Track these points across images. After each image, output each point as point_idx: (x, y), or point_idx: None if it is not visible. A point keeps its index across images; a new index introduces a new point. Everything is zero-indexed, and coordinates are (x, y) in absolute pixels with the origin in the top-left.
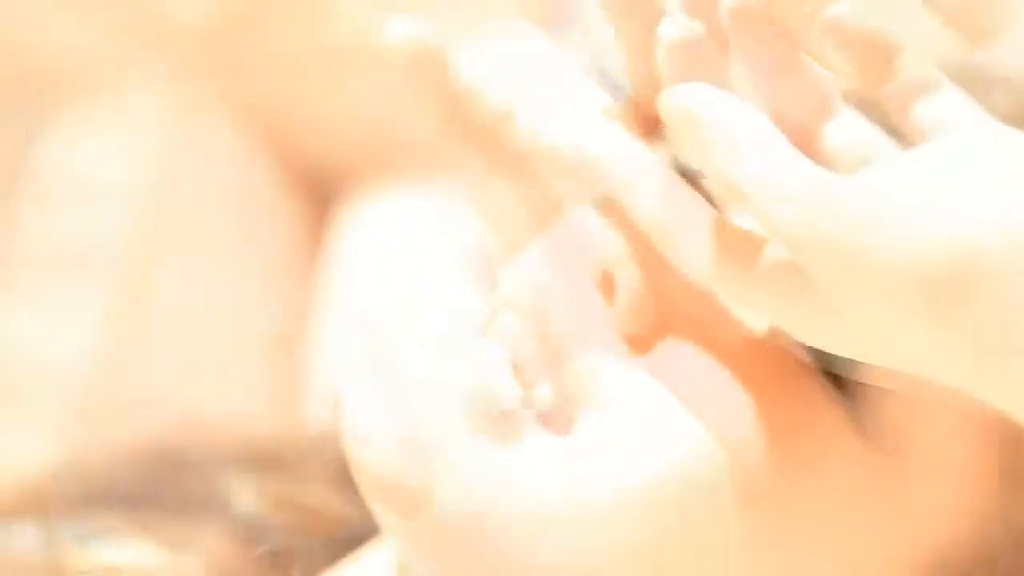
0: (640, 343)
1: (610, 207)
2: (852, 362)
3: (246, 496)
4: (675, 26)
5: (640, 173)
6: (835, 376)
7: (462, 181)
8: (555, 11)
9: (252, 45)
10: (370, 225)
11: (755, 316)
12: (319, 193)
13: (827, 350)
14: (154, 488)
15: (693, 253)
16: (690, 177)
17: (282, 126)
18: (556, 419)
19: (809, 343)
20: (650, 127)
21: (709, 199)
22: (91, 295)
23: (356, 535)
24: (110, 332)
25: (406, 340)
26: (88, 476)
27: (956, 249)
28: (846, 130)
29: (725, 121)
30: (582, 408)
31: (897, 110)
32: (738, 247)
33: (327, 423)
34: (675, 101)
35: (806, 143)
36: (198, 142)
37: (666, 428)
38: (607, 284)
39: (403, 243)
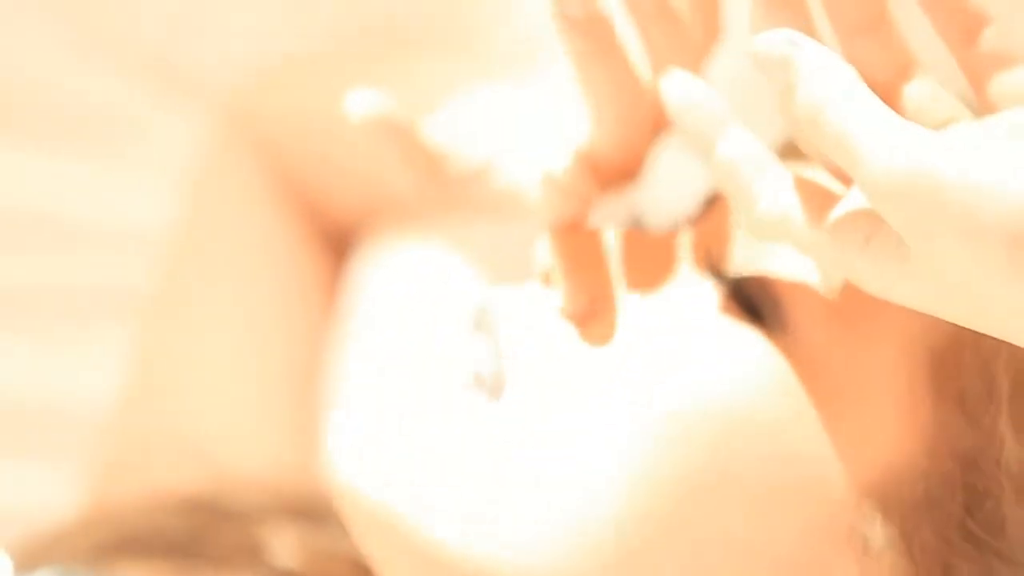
0: (583, 320)
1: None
2: (771, 295)
3: (280, 546)
4: None
5: (717, 123)
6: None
7: (460, 227)
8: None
9: (279, 100)
10: (387, 271)
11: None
12: (339, 241)
13: (900, 303)
14: (189, 537)
15: (767, 204)
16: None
17: (305, 178)
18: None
19: (880, 295)
20: (604, 180)
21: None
22: (119, 341)
23: None
24: (138, 378)
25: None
26: (115, 523)
27: None
28: (926, 92)
29: (823, 66)
30: (508, 376)
31: (975, 79)
32: (815, 197)
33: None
34: (769, 43)
35: (886, 102)
36: (224, 190)
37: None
38: (547, 278)
39: (417, 289)
